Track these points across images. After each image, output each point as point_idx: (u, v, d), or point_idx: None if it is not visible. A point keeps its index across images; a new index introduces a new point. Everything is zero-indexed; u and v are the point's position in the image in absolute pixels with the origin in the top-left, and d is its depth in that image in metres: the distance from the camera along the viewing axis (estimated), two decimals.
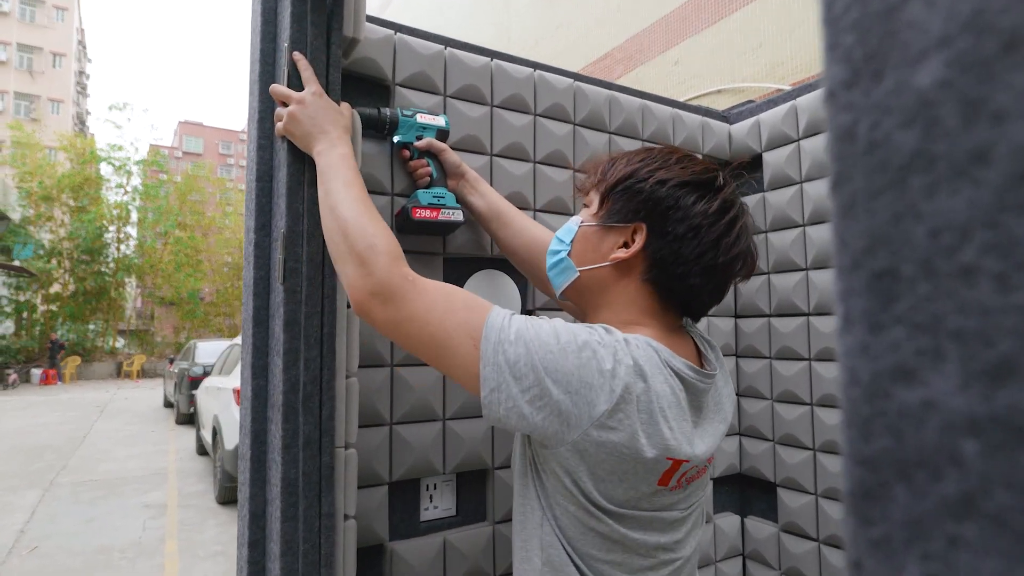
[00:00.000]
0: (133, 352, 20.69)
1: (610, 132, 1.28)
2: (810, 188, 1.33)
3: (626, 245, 0.74)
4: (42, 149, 18.75)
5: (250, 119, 0.94)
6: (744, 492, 1.46)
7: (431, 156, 1.00)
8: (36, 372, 15.31)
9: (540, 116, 1.19)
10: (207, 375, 6.92)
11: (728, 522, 1.41)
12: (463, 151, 1.09)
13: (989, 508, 0.13)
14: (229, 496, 4.60)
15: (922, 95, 0.14)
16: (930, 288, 0.14)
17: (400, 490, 1.02)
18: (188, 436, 7.49)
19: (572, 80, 1.23)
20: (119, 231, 19.58)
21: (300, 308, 0.80)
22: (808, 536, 1.31)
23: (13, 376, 14.31)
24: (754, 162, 1.44)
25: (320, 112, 0.81)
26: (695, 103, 1.51)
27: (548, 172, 1.19)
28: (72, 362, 16.66)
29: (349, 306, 0.89)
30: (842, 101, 0.15)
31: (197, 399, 6.42)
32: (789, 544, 1.34)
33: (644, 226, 0.73)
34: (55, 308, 17.99)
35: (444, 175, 1.01)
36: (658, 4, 5.94)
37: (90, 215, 17.78)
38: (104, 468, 5.82)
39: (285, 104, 0.83)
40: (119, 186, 19.66)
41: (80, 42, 32.26)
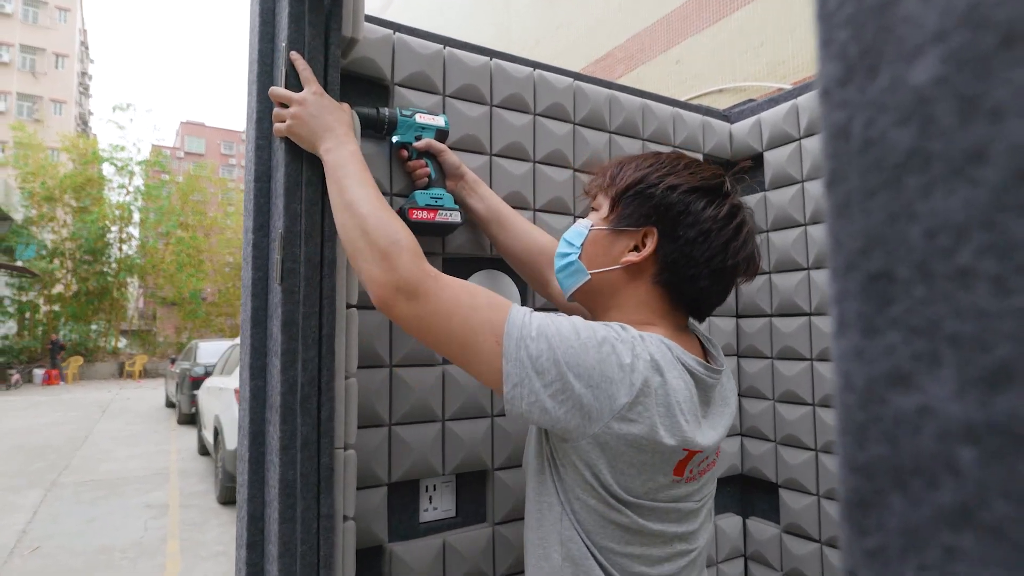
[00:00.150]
0: (135, 352, 20.76)
1: (610, 132, 1.27)
2: (811, 187, 1.33)
3: (637, 248, 0.76)
4: (44, 150, 18.83)
5: (249, 119, 0.94)
6: (746, 493, 1.45)
7: (430, 156, 1.00)
8: (39, 372, 15.37)
9: (540, 116, 1.18)
10: (209, 375, 6.93)
11: (730, 523, 1.40)
12: (462, 151, 1.09)
13: (987, 518, 0.12)
14: (230, 496, 4.60)
15: (918, 92, 0.13)
16: (926, 291, 0.13)
17: (399, 491, 1.01)
18: (190, 436, 7.51)
19: (572, 79, 1.23)
20: (121, 231, 19.65)
21: (298, 309, 0.80)
22: (810, 537, 1.30)
23: (16, 376, 14.37)
24: (755, 161, 1.44)
25: (323, 111, 0.81)
26: (696, 102, 1.50)
27: (548, 172, 1.19)
28: (74, 362, 16.71)
29: (349, 306, 0.88)
30: (836, 98, 0.15)
31: (199, 399, 6.44)
32: (791, 545, 1.33)
33: (655, 230, 0.75)
34: (58, 308, 18.06)
35: (443, 176, 1.01)
36: (659, 3, 5.94)
37: (92, 215, 17.83)
38: (106, 468, 5.83)
39: (285, 106, 0.82)
40: (121, 186, 19.74)
41: (82, 43, 32.34)
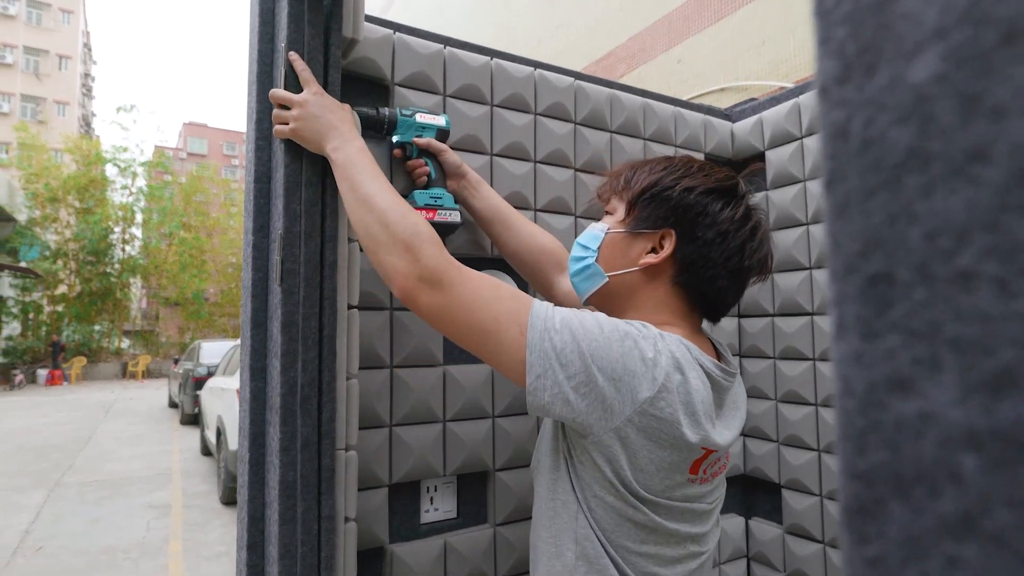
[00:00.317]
0: (138, 352, 20.83)
1: (611, 131, 1.27)
2: (813, 186, 1.32)
3: (654, 251, 0.77)
4: (48, 151, 18.90)
5: (249, 120, 0.94)
6: (748, 493, 1.45)
7: (429, 156, 0.99)
8: (42, 373, 15.43)
9: (541, 115, 1.18)
10: (211, 375, 6.95)
11: (732, 523, 1.40)
12: (463, 151, 1.08)
13: (989, 527, 0.12)
14: (233, 497, 4.61)
15: (917, 90, 0.13)
16: (927, 294, 0.13)
17: (400, 492, 1.01)
18: (193, 436, 7.52)
19: (573, 79, 1.22)
20: (124, 232, 19.71)
21: (298, 310, 0.79)
22: (813, 538, 1.30)
23: (19, 377, 14.42)
24: (757, 161, 1.43)
25: (325, 110, 0.81)
26: (698, 101, 1.50)
27: (549, 172, 1.18)
28: (78, 363, 16.76)
29: (350, 307, 0.88)
30: (835, 97, 0.15)
31: (201, 399, 6.45)
32: (794, 546, 1.33)
33: (673, 232, 0.76)
34: (61, 309, 18.12)
35: (443, 175, 1.00)
36: (660, 3, 5.93)
37: (95, 216, 17.89)
38: (109, 468, 5.85)
39: (285, 107, 0.81)
40: (124, 187, 19.80)
41: (86, 44, 32.43)
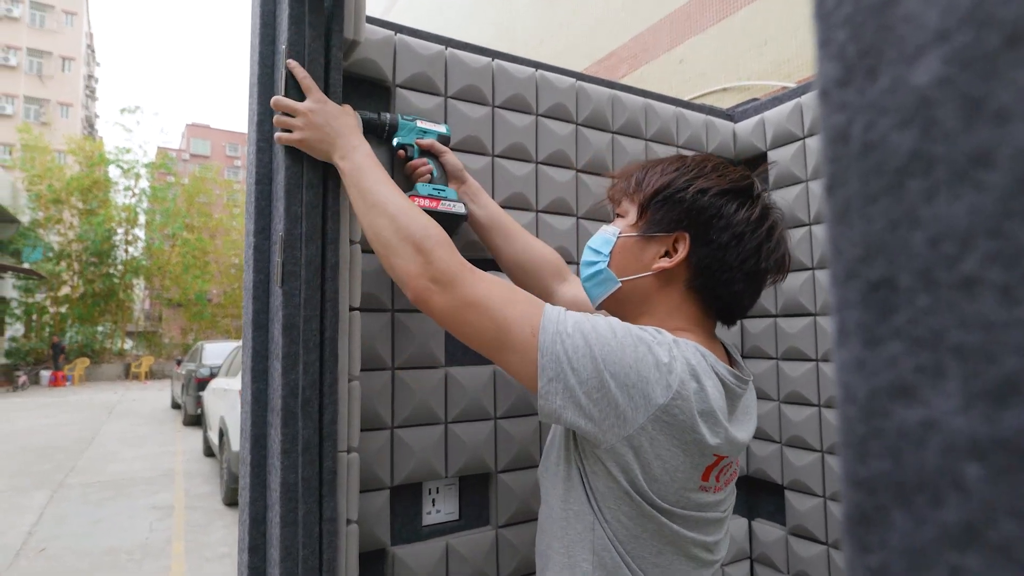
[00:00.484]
0: (141, 354, 20.86)
1: (613, 132, 1.27)
2: (816, 187, 1.32)
3: (668, 254, 0.75)
4: (51, 152, 18.95)
5: (250, 122, 0.94)
6: (751, 495, 1.44)
7: (432, 157, 0.99)
8: (45, 374, 15.47)
9: (542, 116, 1.18)
10: (214, 376, 6.95)
11: (735, 525, 1.39)
12: (464, 152, 1.08)
13: (993, 537, 0.12)
14: (236, 498, 4.61)
15: (919, 94, 0.13)
16: (929, 300, 0.13)
17: (402, 494, 1.01)
18: (195, 437, 7.53)
19: (574, 80, 1.22)
20: (127, 233, 19.75)
21: (299, 312, 0.79)
22: (816, 539, 1.29)
23: (23, 378, 14.46)
24: (758, 161, 1.43)
25: (329, 118, 0.81)
26: (700, 101, 1.50)
27: (550, 173, 1.18)
28: (81, 364, 16.80)
29: (351, 309, 0.88)
30: (835, 100, 0.15)
31: (204, 400, 6.46)
32: (797, 547, 1.32)
33: (687, 235, 0.73)
34: (64, 310, 18.16)
35: (445, 176, 1.00)
36: (662, 3, 5.93)
37: (99, 218, 17.94)
38: (112, 469, 5.86)
39: (288, 115, 0.82)
40: (127, 189, 19.84)
41: (89, 46, 32.52)
